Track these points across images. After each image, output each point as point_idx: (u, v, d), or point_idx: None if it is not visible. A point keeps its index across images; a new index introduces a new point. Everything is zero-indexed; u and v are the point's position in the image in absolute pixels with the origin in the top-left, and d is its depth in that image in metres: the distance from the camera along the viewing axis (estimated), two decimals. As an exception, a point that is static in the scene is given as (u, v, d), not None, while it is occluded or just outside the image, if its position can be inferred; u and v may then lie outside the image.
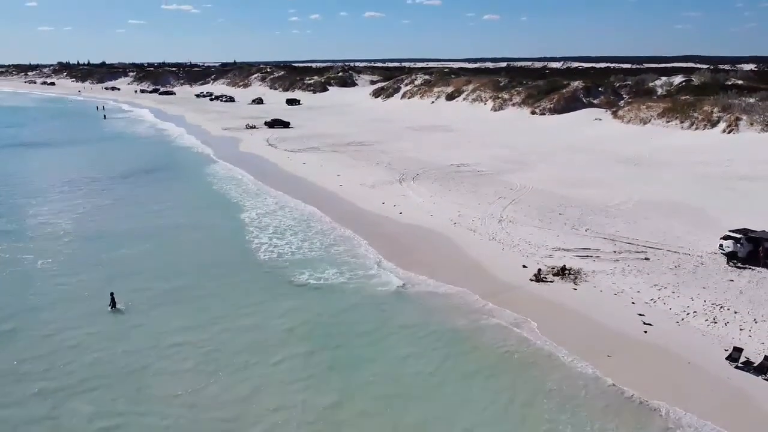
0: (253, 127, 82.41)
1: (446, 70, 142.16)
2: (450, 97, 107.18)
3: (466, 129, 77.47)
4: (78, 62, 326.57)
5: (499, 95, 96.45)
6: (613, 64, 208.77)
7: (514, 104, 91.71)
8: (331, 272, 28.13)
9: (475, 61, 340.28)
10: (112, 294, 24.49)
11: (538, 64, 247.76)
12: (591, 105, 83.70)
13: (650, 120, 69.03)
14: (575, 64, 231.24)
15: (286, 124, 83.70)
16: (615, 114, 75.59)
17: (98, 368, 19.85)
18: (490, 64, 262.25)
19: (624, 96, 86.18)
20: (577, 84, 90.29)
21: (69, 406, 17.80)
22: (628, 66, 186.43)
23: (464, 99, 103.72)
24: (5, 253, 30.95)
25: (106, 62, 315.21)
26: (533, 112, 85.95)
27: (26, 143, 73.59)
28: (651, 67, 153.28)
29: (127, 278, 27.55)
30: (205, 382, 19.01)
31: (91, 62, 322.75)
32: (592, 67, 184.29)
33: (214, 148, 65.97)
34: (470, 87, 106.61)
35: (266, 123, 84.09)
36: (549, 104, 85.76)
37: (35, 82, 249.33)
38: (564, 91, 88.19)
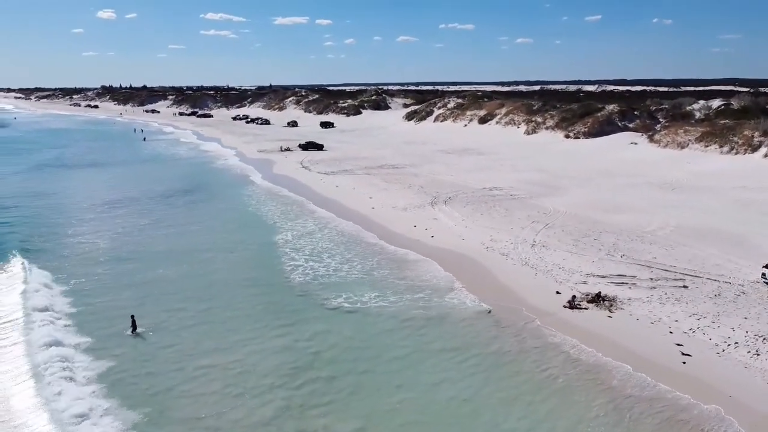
0: (288, 149, 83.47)
1: (479, 93, 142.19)
2: (483, 120, 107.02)
3: (499, 152, 77.10)
4: (120, 86, 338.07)
5: (533, 119, 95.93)
6: (650, 88, 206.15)
7: (547, 128, 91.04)
8: (369, 295, 27.94)
9: (508, 84, 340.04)
10: (132, 317, 24.62)
11: (572, 87, 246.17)
12: (626, 129, 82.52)
13: (688, 144, 67.68)
14: (610, 88, 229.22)
15: (319, 147, 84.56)
16: (651, 138, 74.36)
17: (119, 390, 19.86)
18: (523, 88, 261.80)
19: (660, 120, 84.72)
20: (612, 107, 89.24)
21: (86, 429, 17.81)
22: (665, 89, 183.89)
23: (497, 122, 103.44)
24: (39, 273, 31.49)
25: (147, 86, 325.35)
26: (567, 136, 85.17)
27: (68, 164, 75.80)
28: (688, 90, 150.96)
29: (159, 299, 27.86)
30: (230, 405, 18.94)
31: (132, 86, 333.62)
32: (628, 91, 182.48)
33: (249, 170, 67.06)
34: (503, 110, 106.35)
35: (300, 145, 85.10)
36: (583, 128, 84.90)
37: (79, 105, 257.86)
38: (599, 114, 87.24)
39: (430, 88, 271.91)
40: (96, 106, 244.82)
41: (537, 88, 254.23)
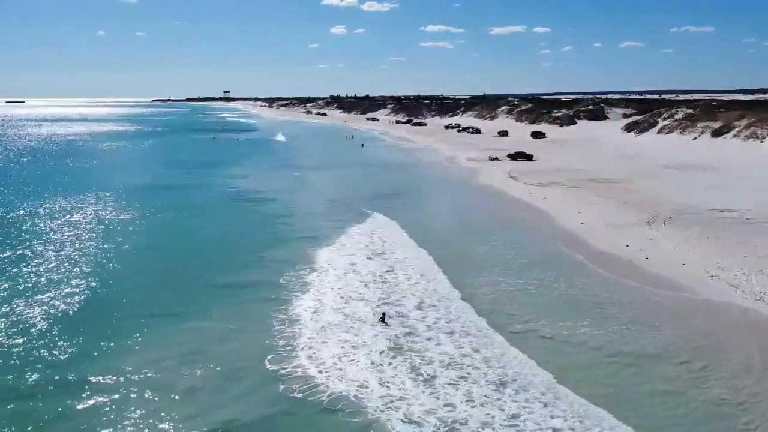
0: (496, 158, 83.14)
1: (714, 103, 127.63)
2: (717, 133, 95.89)
3: (735, 169, 68.28)
4: (346, 95, 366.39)
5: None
6: None
7: (800, 143, 78.56)
8: (566, 323, 25.23)
9: (752, 92, 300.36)
10: (383, 314, 25.80)
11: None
12: None
13: None
14: None
15: (529, 157, 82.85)
16: None
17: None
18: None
19: None
20: None
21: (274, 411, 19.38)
22: None
23: (735, 135, 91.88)
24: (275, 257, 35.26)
25: (369, 95, 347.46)
26: (826, 153, 72.60)
27: (297, 165, 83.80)
28: None
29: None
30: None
31: (357, 95, 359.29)
32: None
33: (456, 178, 68.29)
34: (743, 122, 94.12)
35: (509, 155, 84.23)
36: None
37: (311, 113, 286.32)
38: None
39: (655, 97, 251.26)
40: (324, 114, 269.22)
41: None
